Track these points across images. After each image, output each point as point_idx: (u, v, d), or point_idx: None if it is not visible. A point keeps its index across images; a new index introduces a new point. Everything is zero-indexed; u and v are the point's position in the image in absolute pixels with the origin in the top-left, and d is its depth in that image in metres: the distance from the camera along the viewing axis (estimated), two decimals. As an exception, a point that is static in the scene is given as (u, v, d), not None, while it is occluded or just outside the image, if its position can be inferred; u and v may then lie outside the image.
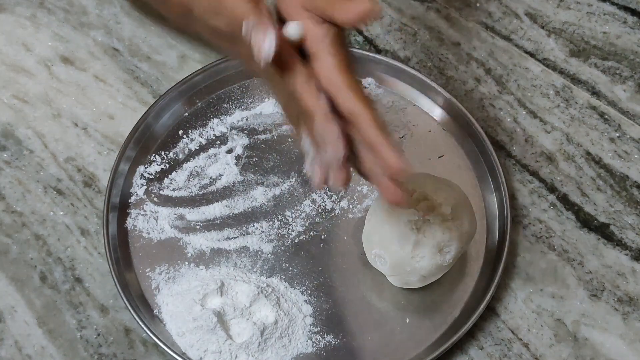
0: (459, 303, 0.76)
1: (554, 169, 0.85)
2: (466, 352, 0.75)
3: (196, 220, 0.80)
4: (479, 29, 0.95)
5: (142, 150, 0.84)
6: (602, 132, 0.88)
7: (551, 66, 0.93)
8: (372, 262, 0.75)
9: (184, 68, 0.90)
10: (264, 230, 0.80)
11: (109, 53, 0.92)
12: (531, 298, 0.78)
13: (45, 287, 0.77)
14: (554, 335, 0.76)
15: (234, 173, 0.83)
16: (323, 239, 0.80)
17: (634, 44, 0.94)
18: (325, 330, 0.75)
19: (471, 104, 0.89)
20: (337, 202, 0.82)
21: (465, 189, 0.77)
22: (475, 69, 0.92)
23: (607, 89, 0.91)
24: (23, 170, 0.84)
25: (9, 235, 0.80)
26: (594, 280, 0.79)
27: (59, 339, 0.75)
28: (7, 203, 0.81)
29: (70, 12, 0.95)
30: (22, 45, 0.92)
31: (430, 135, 0.86)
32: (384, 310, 0.76)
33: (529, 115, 0.89)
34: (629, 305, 0.78)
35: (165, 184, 0.83)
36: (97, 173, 0.84)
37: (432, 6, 0.97)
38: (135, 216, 0.80)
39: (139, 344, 0.75)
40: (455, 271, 0.77)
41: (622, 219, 0.82)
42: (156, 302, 0.76)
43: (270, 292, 0.75)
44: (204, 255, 0.78)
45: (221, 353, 0.71)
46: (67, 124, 0.87)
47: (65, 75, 0.90)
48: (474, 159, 0.85)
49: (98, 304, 0.76)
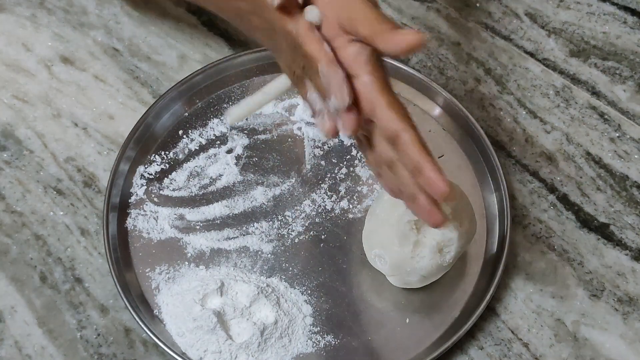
0: (459, 303, 0.76)
1: (554, 169, 0.85)
2: (466, 352, 0.75)
3: (196, 220, 0.80)
4: (479, 29, 0.95)
5: (142, 150, 0.84)
6: (602, 132, 0.88)
7: (551, 66, 0.93)
8: (372, 262, 0.75)
9: (184, 68, 0.90)
10: (264, 230, 0.80)
11: (109, 53, 0.92)
12: (531, 298, 0.78)
13: (45, 287, 0.77)
14: (554, 335, 0.76)
15: (234, 173, 0.83)
16: (323, 239, 0.80)
17: (634, 44, 0.94)
18: (325, 330, 0.75)
19: (471, 104, 0.89)
20: (337, 202, 0.82)
21: (465, 189, 0.77)
22: (475, 69, 0.92)
23: (607, 89, 0.91)
24: (23, 170, 0.84)
25: (9, 235, 0.80)
26: (594, 280, 0.79)
27: (59, 339, 0.74)
28: (7, 203, 0.81)
29: (70, 12, 0.95)
30: (22, 45, 0.92)
31: (430, 135, 0.86)
32: (384, 310, 0.76)
33: (529, 115, 0.89)
34: (629, 305, 0.78)
35: (165, 184, 0.83)
36: (97, 173, 0.84)
37: (432, 6, 0.97)
38: (135, 216, 0.80)
39: (139, 344, 0.75)
40: (455, 271, 0.77)
41: (622, 219, 0.82)
42: (156, 302, 0.76)
43: (270, 292, 0.75)
44: (204, 255, 0.78)
45: (221, 353, 0.71)
46: (67, 124, 0.87)
47: (65, 75, 0.90)
48: (474, 159, 0.85)
49: (98, 304, 0.76)
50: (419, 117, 0.87)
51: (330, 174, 0.83)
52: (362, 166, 0.84)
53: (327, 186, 0.83)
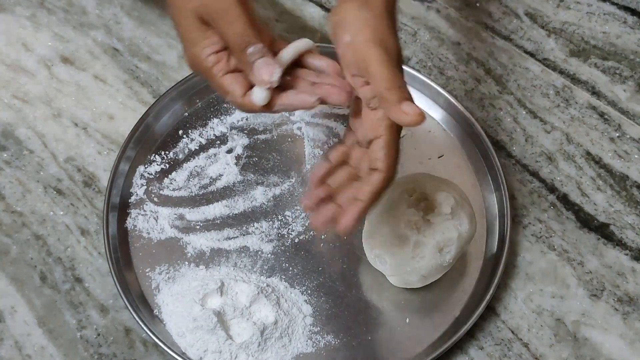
0: (459, 303, 0.76)
1: (554, 169, 0.85)
2: (466, 352, 0.75)
3: (196, 220, 0.80)
4: (479, 29, 0.95)
5: (142, 150, 0.84)
6: (602, 132, 0.88)
7: (551, 66, 0.93)
8: (372, 262, 0.75)
9: (184, 68, 0.90)
10: (264, 230, 0.80)
11: (109, 53, 0.92)
12: (531, 298, 0.78)
13: (45, 287, 0.77)
14: (554, 335, 0.76)
15: (234, 173, 0.83)
16: (323, 239, 0.80)
17: (634, 44, 0.94)
18: (325, 330, 0.75)
19: (471, 104, 0.89)
20: (337, 202, 0.82)
21: (465, 189, 0.77)
22: (475, 69, 0.92)
23: (607, 89, 0.91)
24: (23, 170, 0.84)
25: (9, 235, 0.80)
26: (594, 280, 0.79)
27: (59, 339, 0.74)
28: (7, 203, 0.81)
29: (70, 12, 0.95)
30: (22, 45, 0.92)
31: (430, 135, 0.86)
32: (384, 310, 0.76)
33: (529, 115, 0.89)
34: (629, 305, 0.78)
35: (165, 184, 0.83)
36: (97, 173, 0.84)
37: (432, 6, 0.97)
38: (135, 216, 0.80)
39: (139, 344, 0.75)
40: (455, 271, 0.77)
41: (622, 219, 0.82)
42: (156, 302, 0.76)
43: (270, 292, 0.75)
44: (204, 255, 0.78)
45: (221, 353, 0.71)
46: (67, 124, 0.87)
47: (65, 75, 0.90)
48: (474, 159, 0.85)
49: (98, 304, 0.76)
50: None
51: (330, 174, 0.83)
52: (362, 166, 0.84)
53: (327, 186, 0.83)
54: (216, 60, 0.65)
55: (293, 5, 0.96)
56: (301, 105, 0.65)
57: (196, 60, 0.66)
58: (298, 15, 0.96)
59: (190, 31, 0.65)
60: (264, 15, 0.95)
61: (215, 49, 0.65)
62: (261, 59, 0.63)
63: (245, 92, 0.65)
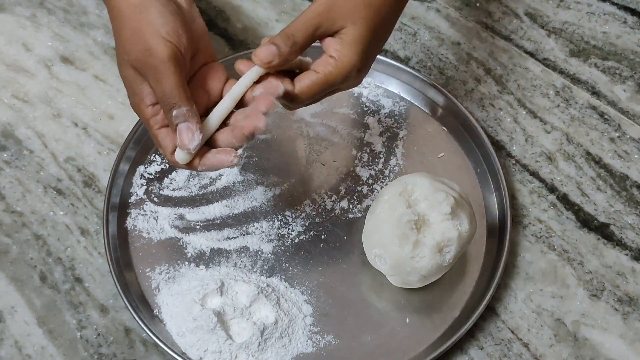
0: (459, 303, 0.76)
1: (554, 169, 0.85)
2: (466, 352, 0.75)
3: (196, 220, 0.80)
4: (479, 29, 0.95)
5: (142, 150, 0.84)
6: (602, 132, 0.88)
7: (551, 66, 0.93)
8: (372, 262, 0.75)
9: (184, 68, 0.90)
10: (264, 230, 0.80)
11: (109, 53, 0.92)
12: (531, 298, 0.78)
13: (45, 287, 0.77)
14: (554, 335, 0.76)
15: (234, 173, 0.83)
16: (323, 239, 0.80)
17: (634, 44, 0.94)
18: (325, 330, 0.75)
19: (471, 104, 0.89)
20: (337, 202, 0.82)
21: (465, 189, 0.77)
22: (475, 69, 0.92)
23: (607, 89, 0.91)
24: (23, 170, 0.84)
25: (9, 235, 0.80)
26: (594, 280, 0.79)
27: (59, 339, 0.75)
28: (7, 203, 0.81)
29: (70, 12, 0.95)
30: (22, 45, 0.92)
31: (430, 135, 0.86)
32: (384, 310, 0.76)
33: (529, 115, 0.89)
34: (629, 305, 0.78)
35: (165, 184, 0.83)
36: (97, 173, 0.84)
37: (432, 6, 0.97)
38: (135, 216, 0.80)
39: (139, 344, 0.75)
40: (455, 271, 0.77)
41: (622, 219, 0.82)
42: (156, 302, 0.76)
43: (270, 292, 0.75)
44: (204, 255, 0.78)
45: (221, 353, 0.71)
46: (67, 124, 0.87)
47: (65, 75, 0.90)
48: (474, 159, 0.85)
49: (98, 304, 0.76)
50: (419, 117, 0.87)
51: (331, 174, 0.83)
52: (362, 166, 0.84)
53: (327, 186, 0.83)
54: (153, 113, 0.66)
55: (293, 5, 0.96)
56: (221, 165, 0.65)
57: (136, 109, 0.67)
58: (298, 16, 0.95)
59: (131, 81, 0.65)
60: (264, 15, 0.95)
61: (154, 100, 0.65)
62: (183, 124, 0.63)
63: (174, 149, 0.65)
